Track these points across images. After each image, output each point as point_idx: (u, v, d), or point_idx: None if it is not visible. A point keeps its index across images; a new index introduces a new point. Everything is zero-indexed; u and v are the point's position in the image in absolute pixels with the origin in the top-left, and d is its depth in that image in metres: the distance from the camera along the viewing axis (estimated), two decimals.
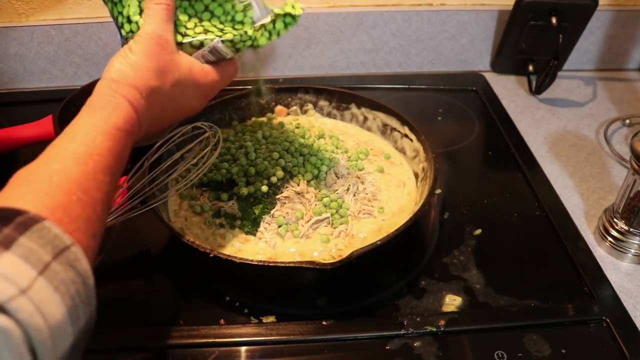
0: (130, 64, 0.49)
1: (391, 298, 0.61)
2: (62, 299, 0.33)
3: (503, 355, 0.54)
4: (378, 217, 0.68)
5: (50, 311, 0.32)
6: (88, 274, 0.36)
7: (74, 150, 0.42)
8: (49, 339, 0.31)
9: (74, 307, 0.34)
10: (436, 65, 1.06)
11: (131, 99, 0.47)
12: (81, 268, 0.36)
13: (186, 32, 0.53)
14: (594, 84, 1.04)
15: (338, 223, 0.66)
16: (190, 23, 0.54)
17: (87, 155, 0.42)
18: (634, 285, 0.64)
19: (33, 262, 0.32)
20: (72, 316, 0.33)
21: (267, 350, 0.56)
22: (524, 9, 0.94)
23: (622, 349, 0.56)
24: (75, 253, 0.36)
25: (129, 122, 0.47)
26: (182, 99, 0.54)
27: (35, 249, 0.33)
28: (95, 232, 0.40)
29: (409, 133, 0.76)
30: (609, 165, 0.83)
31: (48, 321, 0.31)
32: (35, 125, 0.78)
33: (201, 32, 0.53)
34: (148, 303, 0.61)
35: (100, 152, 0.43)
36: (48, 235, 0.34)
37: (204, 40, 0.53)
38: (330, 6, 0.97)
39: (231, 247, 0.64)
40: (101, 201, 0.42)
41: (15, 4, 0.90)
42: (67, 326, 0.33)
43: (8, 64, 0.94)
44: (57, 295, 0.33)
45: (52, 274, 0.33)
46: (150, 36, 0.50)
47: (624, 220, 0.66)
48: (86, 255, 0.37)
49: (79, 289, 0.35)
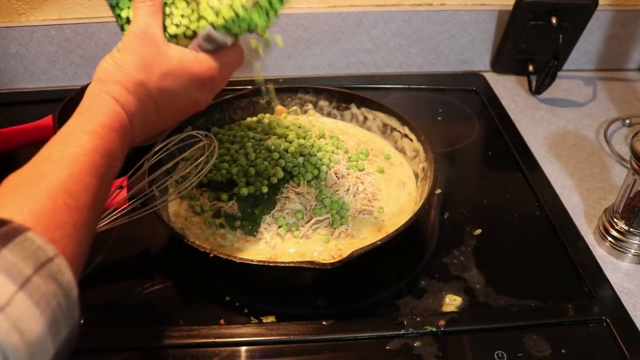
0: (115, 61, 0.48)
1: (391, 298, 0.61)
2: (42, 313, 0.32)
3: (503, 355, 0.54)
4: (378, 217, 0.68)
5: (29, 327, 0.31)
6: (71, 286, 0.35)
7: (61, 152, 0.41)
8: (26, 355, 0.31)
9: (55, 321, 0.33)
10: (436, 65, 1.06)
11: (116, 95, 0.47)
12: (64, 280, 0.35)
13: (181, 21, 0.52)
14: (594, 84, 1.04)
15: (338, 224, 0.66)
16: (186, 10, 0.52)
17: (73, 157, 0.41)
18: (634, 285, 0.64)
19: (14, 276, 0.32)
20: (52, 330, 0.33)
21: (267, 350, 0.56)
22: (524, 9, 0.94)
23: (622, 349, 0.56)
24: (58, 265, 0.35)
25: (115, 119, 0.46)
26: (178, 92, 0.51)
27: (17, 262, 0.32)
28: (82, 238, 0.39)
29: (409, 133, 0.76)
30: (609, 165, 0.83)
31: (26, 337, 0.31)
32: (35, 125, 0.78)
33: (195, 21, 0.52)
34: (148, 303, 0.61)
35: (86, 153, 0.42)
36: (31, 247, 0.34)
37: (197, 29, 0.52)
38: (330, 6, 0.97)
39: (231, 247, 0.64)
40: (89, 205, 0.40)
41: (15, 4, 0.90)
42: (47, 341, 0.32)
43: (8, 64, 0.94)
44: (37, 309, 0.32)
45: (33, 288, 0.32)
46: (134, 33, 0.49)
47: (624, 220, 0.66)
48: (71, 264, 0.36)
49: (60, 302, 0.34)
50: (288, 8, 0.96)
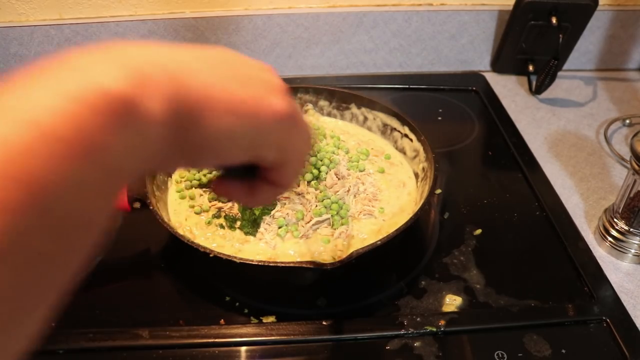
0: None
1: (391, 298, 0.61)
2: None
3: (503, 355, 0.54)
4: (378, 218, 0.68)
5: None
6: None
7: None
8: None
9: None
10: (436, 65, 1.06)
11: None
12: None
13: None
14: (594, 84, 1.04)
15: (339, 224, 0.66)
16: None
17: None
18: (634, 285, 0.64)
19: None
20: None
21: (267, 350, 0.55)
22: (524, 9, 0.94)
23: (622, 349, 0.56)
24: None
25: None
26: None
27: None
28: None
29: (409, 133, 0.76)
30: (609, 165, 0.83)
31: None
32: None
33: None
34: (148, 303, 0.61)
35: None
36: None
37: None
38: (330, 6, 0.97)
39: (231, 247, 0.64)
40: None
41: (15, 4, 0.90)
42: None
43: (8, 64, 0.94)
44: None
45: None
46: None
47: (624, 220, 0.66)
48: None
49: None
50: (288, 8, 0.97)
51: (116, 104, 0.21)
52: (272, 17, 0.95)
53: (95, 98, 0.21)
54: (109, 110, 0.21)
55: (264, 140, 0.30)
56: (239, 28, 0.95)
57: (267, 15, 0.95)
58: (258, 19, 0.95)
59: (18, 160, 0.19)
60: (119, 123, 0.22)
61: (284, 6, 0.96)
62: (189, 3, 0.93)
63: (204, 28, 0.95)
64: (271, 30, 0.97)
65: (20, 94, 0.21)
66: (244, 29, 0.96)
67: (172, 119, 0.24)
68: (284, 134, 0.31)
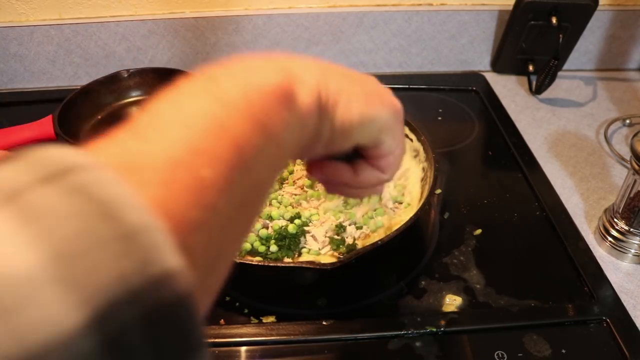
0: None
1: (391, 298, 0.61)
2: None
3: (503, 355, 0.54)
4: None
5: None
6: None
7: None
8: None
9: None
10: (436, 65, 1.06)
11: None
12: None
13: None
14: (594, 84, 1.04)
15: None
16: None
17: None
18: (634, 285, 0.64)
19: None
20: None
21: (267, 350, 0.55)
22: (524, 9, 0.94)
23: (622, 349, 0.56)
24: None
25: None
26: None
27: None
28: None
29: (409, 133, 0.76)
30: (609, 165, 0.83)
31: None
32: (35, 125, 0.78)
33: None
34: None
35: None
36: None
37: None
38: (330, 6, 0.97)
39: None
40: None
41: (15, 4, 0.90)
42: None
43: (8, 64, 0.94)
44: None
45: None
46: None
47: (624, 220, 0.66)
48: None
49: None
50: (288, 8, 0.96)
51: (281, 93, 0.29)
52: (272, 17, 0.95)
53: (269, 87, 0.29)
54: (278, 96, 0.29)
55: (387, 126, 0.38)
56: (239, 28, 0.95)
57: (267, 15, 0.95)
58: (258, 19, 0.95)
59: (264, 109, 0.28)
60: (283, 106, 0.29)
61: (284, 6, 0.96)
62: (189, 3, 0.93)
63: (204, 28, 0.95)
64: (271, 30, 0.97)
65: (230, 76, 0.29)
66: (244, 29, 0.96)
67: (317, 106, 0.32)
68: (398, 125, 0.39)
